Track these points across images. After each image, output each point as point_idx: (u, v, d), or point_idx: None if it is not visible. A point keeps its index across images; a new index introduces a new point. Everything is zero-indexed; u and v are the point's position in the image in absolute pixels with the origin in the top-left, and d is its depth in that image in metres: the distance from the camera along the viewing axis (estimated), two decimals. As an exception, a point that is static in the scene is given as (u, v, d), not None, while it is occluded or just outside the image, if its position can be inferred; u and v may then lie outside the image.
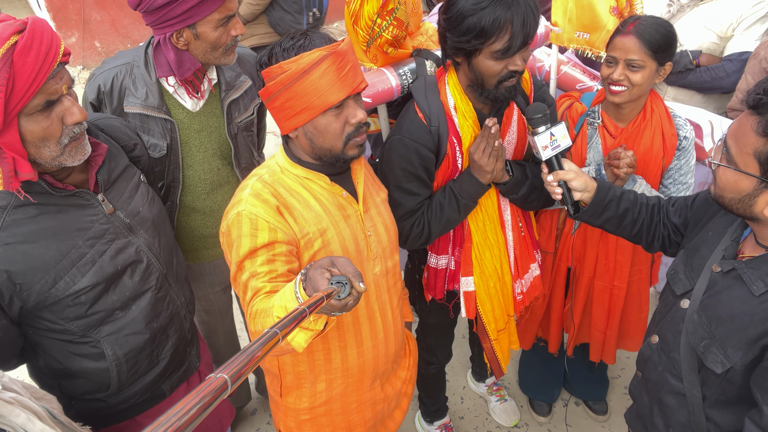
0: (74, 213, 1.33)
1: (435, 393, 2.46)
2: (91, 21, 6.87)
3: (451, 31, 1.52)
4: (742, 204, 1.19)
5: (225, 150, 1.94)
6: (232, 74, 1.88)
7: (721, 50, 2.66)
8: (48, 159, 1.23)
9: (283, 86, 1.28)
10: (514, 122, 1.75)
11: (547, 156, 1.56)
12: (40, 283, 1.28)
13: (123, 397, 1.51)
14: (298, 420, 1.61)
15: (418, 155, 1.65)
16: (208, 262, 2.13)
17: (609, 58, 1.79)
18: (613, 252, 2.05)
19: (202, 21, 1.64)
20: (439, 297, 1.96)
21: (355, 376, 1.57)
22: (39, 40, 1.14)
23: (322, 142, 1.35)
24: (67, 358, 1.40)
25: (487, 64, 1.52)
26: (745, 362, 1.22)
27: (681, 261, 1.45)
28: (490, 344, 1.98)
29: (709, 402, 1.32)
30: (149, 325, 1.48)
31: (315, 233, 1.38)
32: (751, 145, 1.13)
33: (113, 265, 1.39)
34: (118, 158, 1.49)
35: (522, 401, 2.75)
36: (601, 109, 1.95)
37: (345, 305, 1.03)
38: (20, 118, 1.15)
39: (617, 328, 2.22)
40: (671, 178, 1.93)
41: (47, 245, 1.28)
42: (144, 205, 1.50)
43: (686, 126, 1.92)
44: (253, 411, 2.78)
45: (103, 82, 1.76)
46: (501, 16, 1.43)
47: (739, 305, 1.23)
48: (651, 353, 1.48)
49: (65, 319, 1.35)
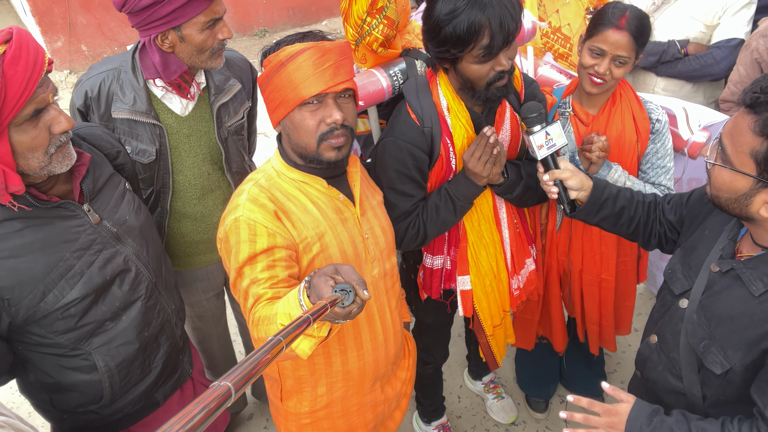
0: (60, 225, 1.31)
1: (432, 393, 2.45)
2: (77, 25, 6.80)
3: (431, 41, 1.53)
4: (738, 204, 1.18)
5: (215, 154, 1.92)
6: (221, 78, 1.86)
7: (708, 39, 2.67)
8: (36, 169, 1.22)
9: (266, 78, 1.32)
10: (507, 120, 1.75)
11: (542, 155, 1.56)
12: (28, 297, 1.26)
13: (116, 408, 1.49)
14: (299, 424, 1.60)
15: (412, 157, 1.64)
16: (200, 268, 2.11)
17: (596, 49, 1.75)
18: (597, 245, 2.05)
19: (187, 23, 1.62)
20: (435, 296, 1.96)
21: (355, 379, 1.56)
22: (26, 50, 1.13)
23: (297, 138, 1.35)
24: (58, 372, 1.39)
25: (473, 68, 1.52)
26: (744, 363, 1.21)
27: (678, 260, 1.44)
28: (486, 340, 1.98)
29: (710, 402, 1.32)
30: (140, 335, 1.46)
31: (313, 237, 1.37)
32: (748, 144, 1.11)
33: (102, 276, 1.37)
34: (102, 167, 1.48)
35: (519, 398, 2.74)
36: (572, 99, 1.95)
37: (349, 313, 1.03)
38: (10, 128, 1.14)
39: (612, 317, 2.22)
40: (649, 163, 1.92)
41: (34, 259, 1.26)
42: (131, 214, 1.48)
43: (658, 109, 1.91)
44: (249, 416, 2.76)
45: (90, 87, 1.74)
46: (476, 21, 1.42)
47: (738, 306, 1.22)
48: (650, 353, 1.47)
49: (55, 332, 1.33)
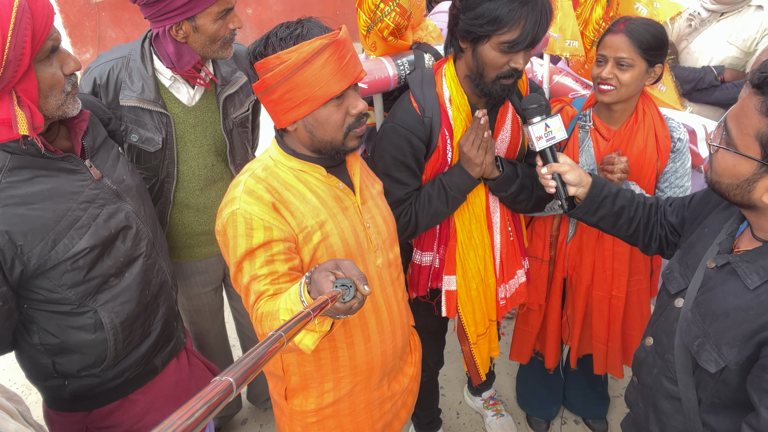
0: (65, 177, 1.35)
1: (428, 404, 2.39)
2: (105, 38, 7.04)
3: (466, 12, 1.53)
4: (741, 190, 1.14)
5: (220, 146, 1.94)
6: (227, 70, 1.89)
7: (743, 65, 2.63)
8: (53, 109, 1.28)
9: (282, 77, 1.24)
10: (508, 120, 1.75)
11: (541, 146, 1.55)
12: (40, 245, 1.29)
13: (117, 371, 1.51)
14: (305, 423, 1.56)
15: (410, 144, 1.64)
16: (200, 261, 2.10)
17: (599, 57, 1.79)
18: (609, 260, 2.00)
19: (201, 13, 1.65)
20: (421, 294, 1.93)
21: (363, 373, 1.52)
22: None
23: (323, 134, 1.32)
24: (63, 331, 1.41)
25: (492, 54, 1.53)
26: (739, 360, 1.16)
27: (676, 260, 1.41)
28: (469, 347, 1.95)
29: (705, 406, 1.27)
30: (142, 292, 1.50)
31: (314, 226, 1.35)
32: (753, 126, 1.07)
33: (107, 229, 1.41)
34: (98, 128, 1.53)
35: (519, 417, 2.67)
36: (592, 113, 1.93)
37: (350, 308, 1.03)
38: (34, 64, 1.20)
39: (620, 339, 2.15)
40: (667, 182, 1.90)
41: (44, 207, 1.30)
42: (127, 174, 1.53)
43: (680, 128, 1.90)
44: (243, 421, 2.72)
45: (99, 74, 1.77)
46: (517, 9, 1.45)
47: (733, 300, 1.18)
48: (645, 356, 1.43)
49: (63, 286, 1.36)
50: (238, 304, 2.35)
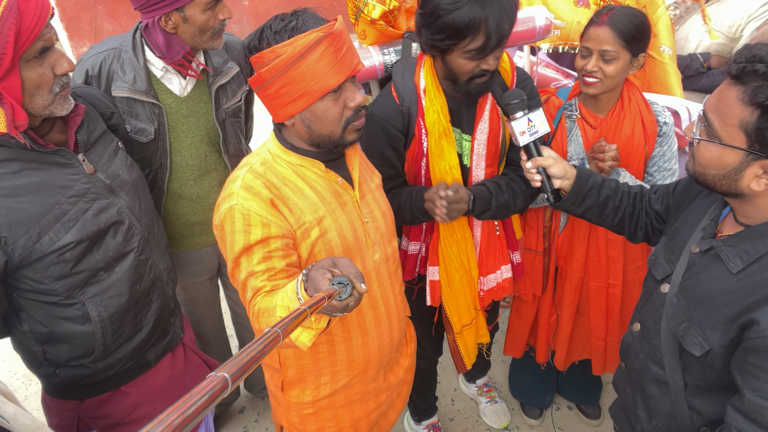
0: (55, 171, 1.36)
1: (424, 391, 2.42)
2: (102, 31, 7.02)
3: (426, 28, 1.51)
4: (727, 180, 1.15)
5: (213, 136, 1.95)
6: (219, 60, 1.90)
7: (729, 51, 2.62)
8: (40, 108, 1.28)
9: (277, 72, 1.21)
10: (486, 111, 1.73)
11: (524, 141, 1.54)
12: (24, 237, 1.30)
13: (108, 363, 1.51)
14: (301, 414, 1.57)
15: (385, 132, 1.66)
16: (194, 251, 2.12)
17: (583, 50, 1.80)
18: (604, 248, 2.01)
19: (190, 4, 1.66)
20: (407, 279, 1.95)
21: (360, 367, 1.53)
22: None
23: (321, 128, 1.30)
24: (52, 321, 1.42)
25: (460, 62, 1.52)
26: (723, 343, 1.18)
27: (662, 246, 1.42)
28: (453, 337, 1.96)
29: (691, 389, 1.29)
30: (132, 287, 1.49)
31: (312, 222, 1.34)
32: (736, 116, 1.08)
33: (96, 224, 1.40)
34: (96, 122, 1.52)
35: (513, 404, 2.70)
36: (578, 102, 1.94)
37: (346, 306, 1.03)
38: (20, 64, 1.20)
39: (619, 331, 2.14)
40: (656, 166, 1.91)
41: (30, 200, 1.30)
42: (123, 169, 1.52)
43: (664, 112, 1.91)
44: (241, 409, 2.75)
45: (91, 66, 1.78)
46: (476, 17, 1.41)
47: (717, 284, 1.20)
48: (632, 341, 1.45)
49: (50, 278, 1.36)
50: (234, 293, 2.37)
